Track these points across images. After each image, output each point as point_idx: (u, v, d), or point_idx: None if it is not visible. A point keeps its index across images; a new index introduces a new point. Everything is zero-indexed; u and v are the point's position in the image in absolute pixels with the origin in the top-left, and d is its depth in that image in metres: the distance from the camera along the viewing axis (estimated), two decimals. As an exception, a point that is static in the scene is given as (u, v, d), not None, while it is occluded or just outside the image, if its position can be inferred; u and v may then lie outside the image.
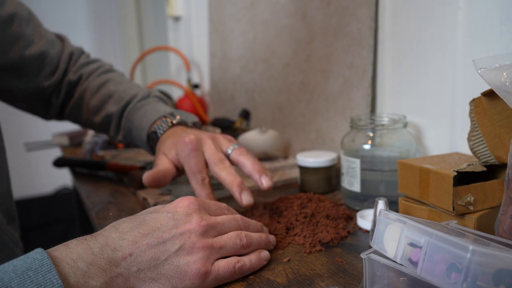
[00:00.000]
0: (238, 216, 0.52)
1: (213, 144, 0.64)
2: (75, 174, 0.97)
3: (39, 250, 0.39)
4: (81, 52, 0.85)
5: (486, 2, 0.63)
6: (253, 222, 0.54)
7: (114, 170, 0.90)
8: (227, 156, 0.65)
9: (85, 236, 0.43)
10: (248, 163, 0.64)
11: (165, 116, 0.72)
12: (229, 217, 0.51)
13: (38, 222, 2.31)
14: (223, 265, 0.47)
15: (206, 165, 0.64)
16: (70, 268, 0.39)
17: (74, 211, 1.48)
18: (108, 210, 0.73)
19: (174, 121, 0.71)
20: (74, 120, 0.85)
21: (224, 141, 0.66)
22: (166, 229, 0.45)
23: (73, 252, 0.40)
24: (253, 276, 0.49)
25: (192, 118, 0.74)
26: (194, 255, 0.45)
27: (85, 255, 0.40)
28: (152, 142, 0.72)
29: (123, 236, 0.43)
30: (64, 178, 2.30)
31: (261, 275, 0.50)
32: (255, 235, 0.52)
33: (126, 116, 0.76)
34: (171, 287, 0.43)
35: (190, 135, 0.64)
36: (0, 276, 0.36)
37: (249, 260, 0.49)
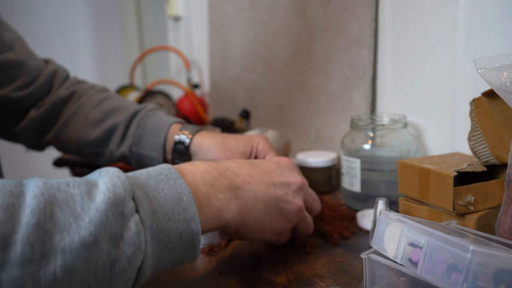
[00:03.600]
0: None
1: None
2: (75, 174, 0.97)
3: (165, 165, 0.42)
4: (68, 73, 0.81)
5: (486, 2, 0.63)
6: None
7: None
8: None
9: (206, 161, 0.47)
10: None
11: (180, 122, 0.72)
12: (313, 192, 0.55)
13: (38, 222, 2.30)
14: (287, 238, 0.53)
15: None
16: (199, 179, 0.43)
17: (74, 211, 1.48)
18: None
19: (197, 128, 0.71)
20: (59, 140, 0.76)
21: None
22: (275, 174, 0.49)
23: (200, 168, 0.45)
24: (253, 276, 0.49)
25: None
26: (288, 208, 0.49)
27: (212, 171, 0.45)
28: (176, 151, 0.69)
29: (241, 167, 0.48)
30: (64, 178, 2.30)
31: (261, 275, 0.50)
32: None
33: (137, 122, 0.72)
34: (267, 226, 0.48)
35: (250, 133, 0.74)
36: (137, 175, 0.40)
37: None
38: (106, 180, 0.36)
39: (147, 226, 0.36)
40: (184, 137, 0.69)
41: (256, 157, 0.69)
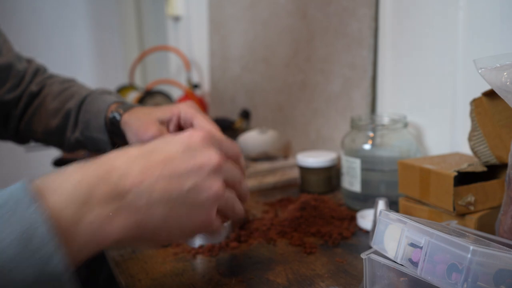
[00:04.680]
0: (240, 170, 0.46)
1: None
2: (75, 174, 0.97)
3: (20, 182, 0.33)
4: (45, 69, 0.84)
5: (486, 2, 0.63)
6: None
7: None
8: None
9: (85, 162, 0.37)
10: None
11: (122, 103, 0.71)
12: (236, 167, 0.45)
13: (38, 222, 2.30)
14: (218, 226, 0.42)
15: None
16: (66, 197, 0.33)
17: (74, 211, 1.48)
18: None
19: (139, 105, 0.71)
20: (30, 131, 0.78)
21: None
22: (181, 160, 0.38)
23: (72, 178, 0.34)
24: (253, 276, 0.49)
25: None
26: (205, 198, 0.39)
27: (88, 178, 0.34)
28: (113, 125, 0.68)
29: (132, 162, 0.37)
30: (64, 178, 2.30)
31: (261, 275, 0.50)
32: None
33: (84, 107, 0.73)
34: (178, 228, 0.39)
35: (180, 103, 0.65)
36: None
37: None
38: None
39: None
40: (116, 114, 0.68)
41: (181, 128, 0.64)
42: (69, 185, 0.34)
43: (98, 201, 0.34)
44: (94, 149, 0.74)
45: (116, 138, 0.70)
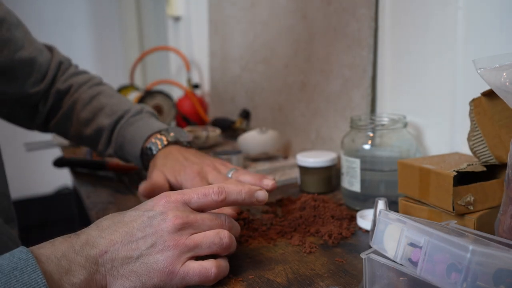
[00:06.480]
0: (223, 215, 0.50)
1: (215, 171, 0.68)
2: (75, 174, 0.97)
3: (23, 250, 0.41)
4: (70, 62, 0.85)
5: (486, 2, 0.63)
6: (236, 224, 0.52)
7: (114, 170, 0.90)
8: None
9: (70, 234, 0.45)
10: (248, 177, 0.66)
11: (159, 132, 0.74)
12: (211, 215, 0.49)
13: (38, 222, 2.31)
14: (194, 268, 0.45)
15: None
16: (54, 266, 0.41)
17: (74, 211, 1.48)
18: (108, 210, 0.73)
19: (169, 139, 0.73)
20: (61, 132, 0.84)
21: (223, 167, 0.69)
22: (141, 228, 0.45)
23: (58, 250, 0.42)
24: (253, 276, 0.49)
25: (185, 136, 0.76)
26: (164, 253, 0.45)
27: (68, 253, 0.42)
28: (145, 157, 0.73)
29: (101, 234, 0.45)
30: (64, 178, 2.30)
31: (261, 275, 0.50)
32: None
33: (118, 130, 0.77)
34: (140, 284, 0.44)
35: (194, 166, 0.67)
36: None
37: (226, 266, 0.48)
38: None
39: None
40: (154, 148, 0.72)
41: None
42: (55, 258, 0.41)
43: (74, 271, 0.42)
44: (128, 162, 0.80)
45: (147, 162, 0.73)
